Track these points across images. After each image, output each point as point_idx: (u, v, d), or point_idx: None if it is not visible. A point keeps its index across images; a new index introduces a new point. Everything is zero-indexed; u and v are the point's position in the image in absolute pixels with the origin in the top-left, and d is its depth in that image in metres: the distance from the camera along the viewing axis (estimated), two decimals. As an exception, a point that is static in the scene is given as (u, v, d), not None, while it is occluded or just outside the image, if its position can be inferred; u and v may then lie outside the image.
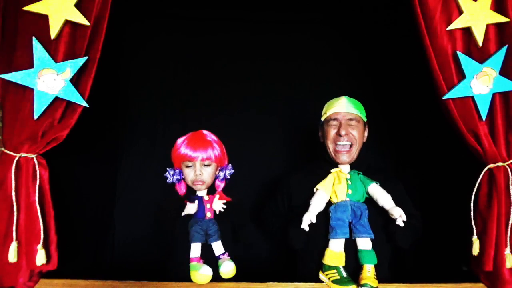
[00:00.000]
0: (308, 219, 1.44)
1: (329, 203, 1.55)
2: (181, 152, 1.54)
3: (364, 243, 1.48)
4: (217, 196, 1.55)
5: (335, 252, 1.47)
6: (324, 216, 1.52)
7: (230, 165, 1.62)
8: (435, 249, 1.96)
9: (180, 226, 1.52)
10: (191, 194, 1.58)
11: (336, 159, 1.60)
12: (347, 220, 1.49)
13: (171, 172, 1.56)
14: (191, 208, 1.51)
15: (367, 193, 1.55)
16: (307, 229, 1.44)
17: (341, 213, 1.49)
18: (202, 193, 1.58)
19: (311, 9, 2.32)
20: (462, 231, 1.56)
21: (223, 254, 1.51)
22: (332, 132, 1.60)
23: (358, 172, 1.59)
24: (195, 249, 1.48)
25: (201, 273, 1.42)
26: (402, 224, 1.42)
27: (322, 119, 1.66)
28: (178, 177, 1.56)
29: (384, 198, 1.50)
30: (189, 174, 1.55)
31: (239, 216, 1.60)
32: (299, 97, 2.34)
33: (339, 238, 1.48)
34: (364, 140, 1.66)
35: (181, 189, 1.60)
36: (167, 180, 1.57)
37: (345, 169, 1.60)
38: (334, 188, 1.54)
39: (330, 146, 1.61)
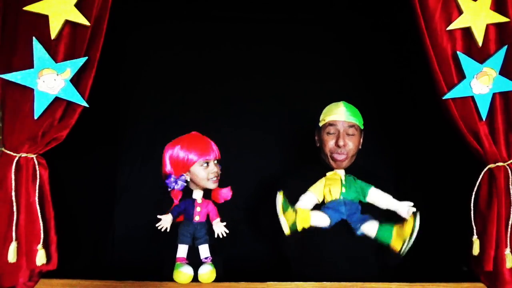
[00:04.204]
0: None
1: (322, 204, 1.53)
2: (193, 155, 1.53)
3: (372, 226, 1.44)
4: (218, 220, 1.51)
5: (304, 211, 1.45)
6: None
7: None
8: (435, 249, 1.96)
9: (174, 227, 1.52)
10: (186, 197, 1.56)
11: (333, 166, 1.59)
12: (340, 217, 1.47)
13: (173, 179, 1.54)
14: (167, 220, 1.46)
15: (366, 197, 1.53)
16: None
17: (333, 211, 1.48)
18: (197, 194, 1.56)
19: (308, 11, 2.32)
20: (462, 231, 1.56)
21: (206, 258, 1.51)
22: (330, 142, 1.56)
23: (354, 178, 1.56)
24: (181, 250, 1.50)
25: (180, 270, 1.44)
26: (408, 217, 1.40)
27: (320, 124, 1.63)
28: (184, 184, 1.55)
29: (386, 200, 1.49)
30: (203, 173, 1.54)
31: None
32: (296, 99, 2.34)
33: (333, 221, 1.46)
34: (359, 147, 1.63)
35: (177, 197, 1.56)
36: (169, 188, 1.54)
37: (340, 172, 1.58)
38: (329, 188, 1.52)
39: (327, 154, 1.58)
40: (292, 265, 1.67)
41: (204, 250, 1.52)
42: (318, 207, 1.53)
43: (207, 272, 1.47)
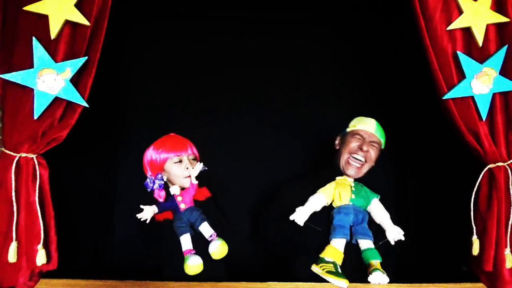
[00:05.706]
0: (300, 211, 1.46)
1: (331, 208, 1.56)
2: (164, 153, 1.55)
3: (367, 243, 1.50)
4: (197, 164, 1.53)
5: (335, 249, 1.47)
6: (326, 220, 1.54)
7: (201, 163, 1.60)
8: (435, 249, 1.96)
9: (167, 229, 1.53)
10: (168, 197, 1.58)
11: (345, 170, 1.62)
12: (349, 223, 1.51)
13: (149, 179, 1.57)
14: (148, 211, 1.48)
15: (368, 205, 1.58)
16: (297, 220, 1.45)
17: (344, 215, 1.51)
18: (174, 189, 1.55)
19: (310, 9, 2.31)
20: (462, 231, 1.56)
21: (211, 236, 1.48)
22: (354, 143, 1.62)
23: (362, 185, 1.62)
24: (184, 242, 1.48)
25: (188, 264, 1.42)
26: (392, 243, 1.47)
27: (348, 130, 1.68)
28: (161, 182, 1.56)
29: (383, 216, 1.54)
30: (178, 170, 1.54)
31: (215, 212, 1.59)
32: (301, 101, 2.33)
33: (340, 238, 1.48)
34: (373, 164, 1.66)
35: (161, 197, 1.58)
36: (148, 189, 1.57)
37: (349, 178, 1.62)
38: (339, 191, 1.55)
39: (345, 156, 1.62)
40: (292, 265, 1.67)
41: (205, 229, 1.49)
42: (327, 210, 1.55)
43: (218, 247, 1.44)
